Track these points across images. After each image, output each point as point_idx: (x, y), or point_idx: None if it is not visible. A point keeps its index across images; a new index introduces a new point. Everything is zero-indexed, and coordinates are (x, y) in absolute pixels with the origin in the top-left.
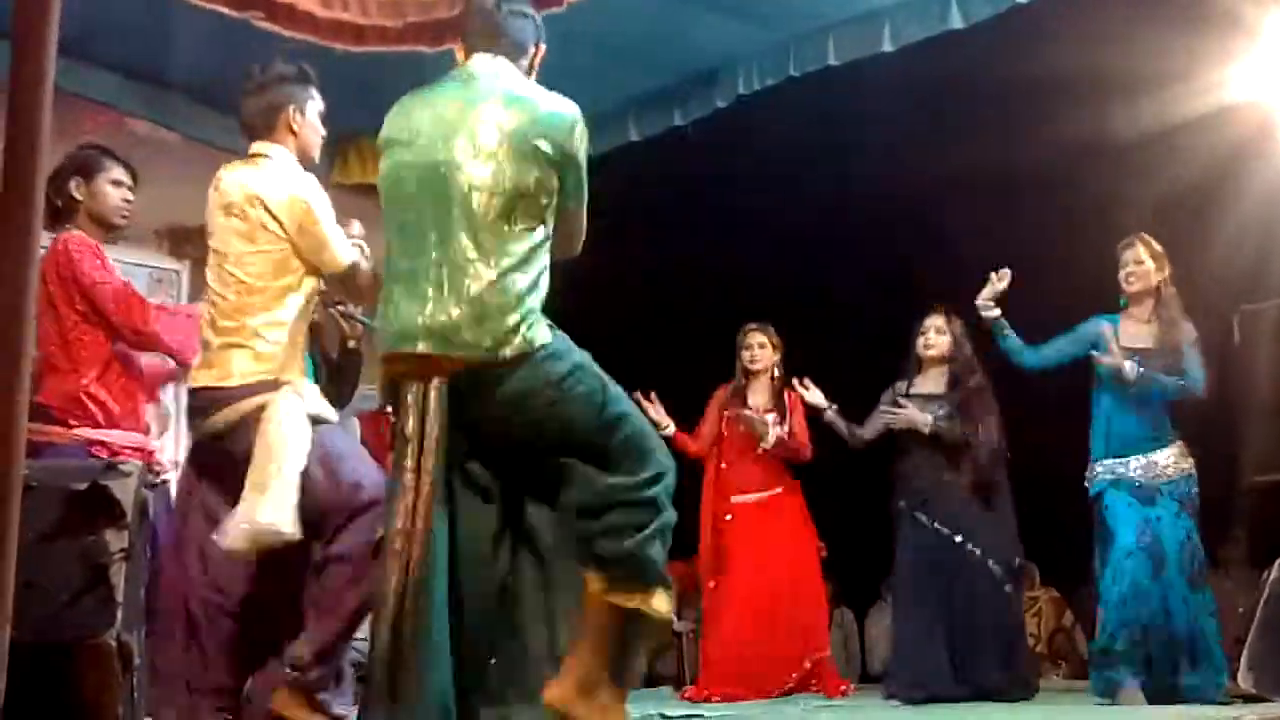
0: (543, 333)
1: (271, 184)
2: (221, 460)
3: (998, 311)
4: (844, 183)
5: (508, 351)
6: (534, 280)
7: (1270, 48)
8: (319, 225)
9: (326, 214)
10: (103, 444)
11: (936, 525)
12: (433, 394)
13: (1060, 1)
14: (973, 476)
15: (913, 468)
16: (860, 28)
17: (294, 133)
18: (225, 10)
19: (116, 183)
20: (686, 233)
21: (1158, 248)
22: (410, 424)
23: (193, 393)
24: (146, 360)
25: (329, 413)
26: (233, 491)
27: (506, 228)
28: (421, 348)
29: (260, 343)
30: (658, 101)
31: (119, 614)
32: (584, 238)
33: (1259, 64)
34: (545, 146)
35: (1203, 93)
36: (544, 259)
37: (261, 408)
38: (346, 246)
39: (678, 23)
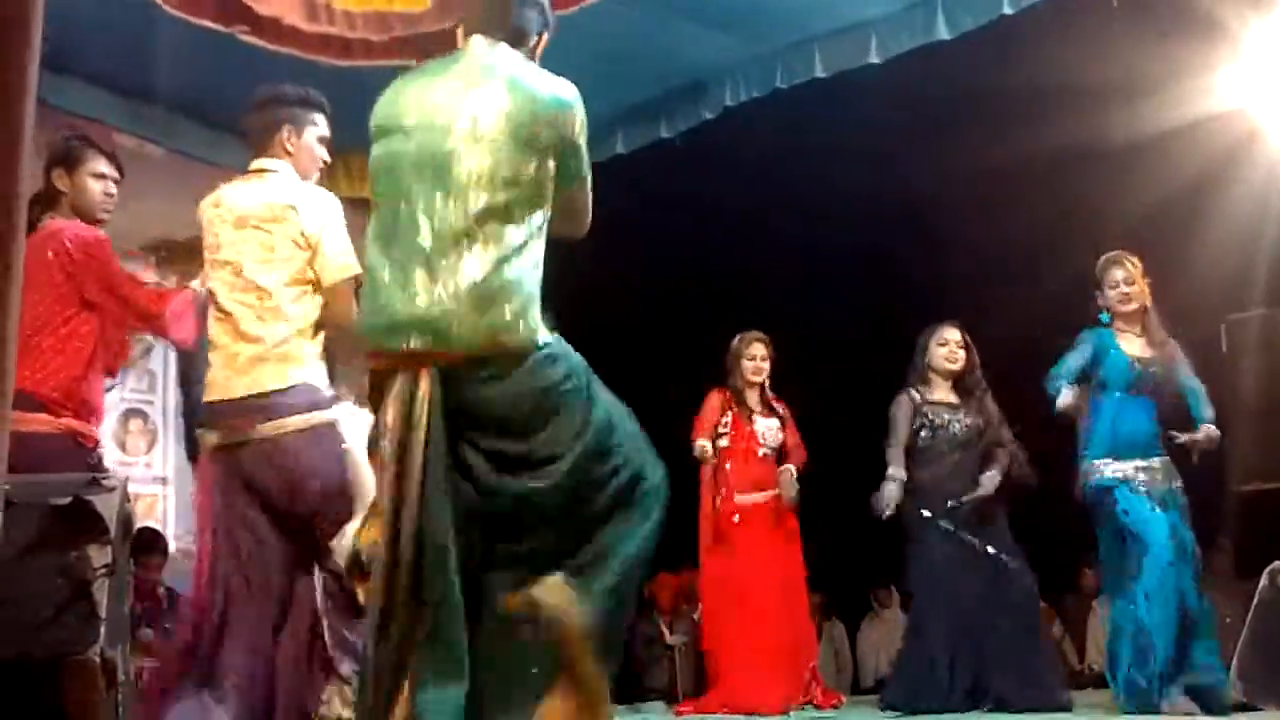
0: (543, 331)
1: (298, 193)
2: (254, 468)
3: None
4: (831, 192)
5: (506, 342)
6: (531, 268)
7: (1254, 57)
8: (340, 234)
9: (343, 224)
10: (86, 435)
11: (961, 535)
12: (423, 383)
13: (1045, 13)
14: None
15: (937, 478)
16: (846, 40)
17: (288, 153)
18: (211, 25)
19: (99, 175)
20: (674, 244)
21: (1139, 263)
22: (392, 415)
23: (222, 403)
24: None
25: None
26: (264, 500)
27: (504, 215)
28: (414, 343)
29: (285, 348)
30: (644, 114)
31: (102, 629)
32: (589, 220)
33: (1243, 73)
34: (547, 133)
35: (1187, 102)
36: (540, 247)
37: (328, 424)
38: (351, 263)
39: (664, 36)
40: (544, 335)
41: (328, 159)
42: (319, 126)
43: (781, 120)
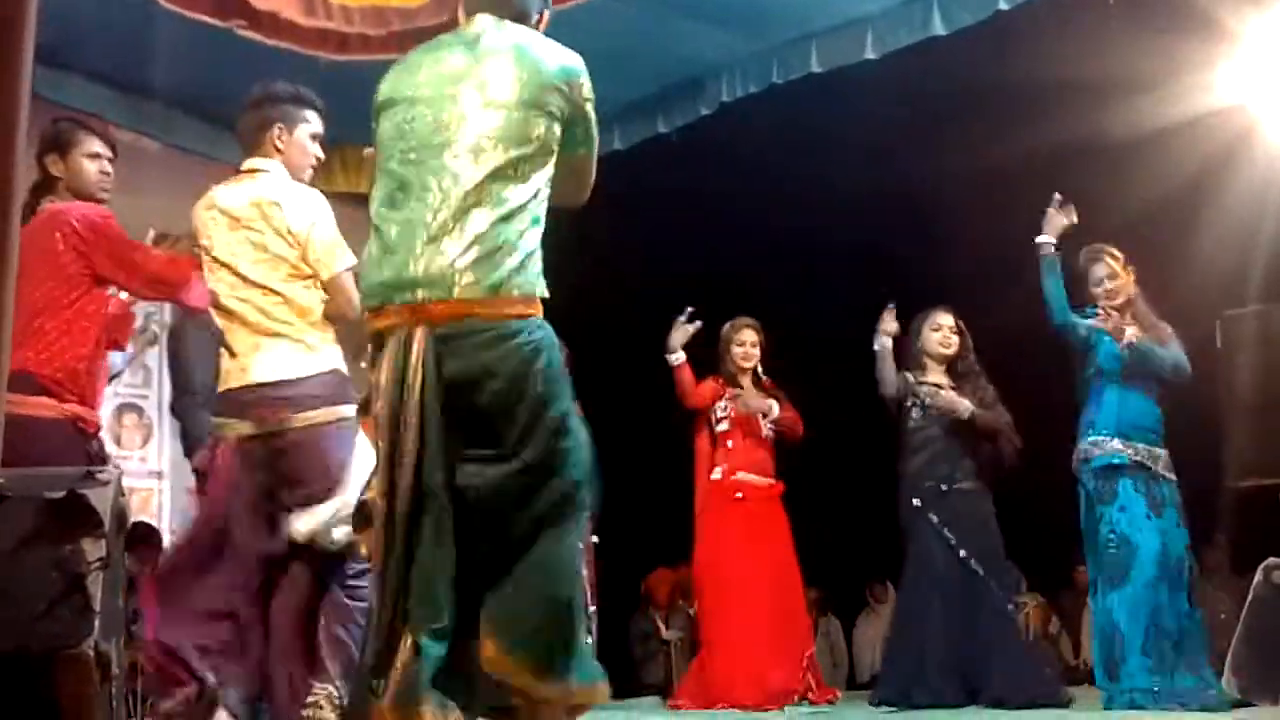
0: (541, 286)
1: (283, 191)
2: (277, 457)
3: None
4: (828, 188)
5: (505, 296)
6: (531, 224)
7: (1251, 53)
8: (329, 229)
9: (332, 220)
10: (87, 420)
11: (945, 533)
12: (416, 342)
13: (1041, 8)
14: (980, 479)
15: (922, 466)
16: (843, 35)
17: (279, 150)
18: (208, 20)
19: (93, 155)
20: (672, 240)
21: (1120, 255)
22: (385, 375)
23: (241, 389)
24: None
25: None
26: (271, 490)
27: (509, 175)
28: (420, 295)
29: (301, 335)
30: (642, 110)
31: (96, 623)
32: (590, 187)
33: (1240, 69)
34: (555, 100)
35: (1184, 98)
36: (542, 206)
37: (349, 420)
38: (346, 254)
39: (661, 33)
40: (542, 289)
41: (321, 156)
42: (311, 123)
43: (778, 116)
